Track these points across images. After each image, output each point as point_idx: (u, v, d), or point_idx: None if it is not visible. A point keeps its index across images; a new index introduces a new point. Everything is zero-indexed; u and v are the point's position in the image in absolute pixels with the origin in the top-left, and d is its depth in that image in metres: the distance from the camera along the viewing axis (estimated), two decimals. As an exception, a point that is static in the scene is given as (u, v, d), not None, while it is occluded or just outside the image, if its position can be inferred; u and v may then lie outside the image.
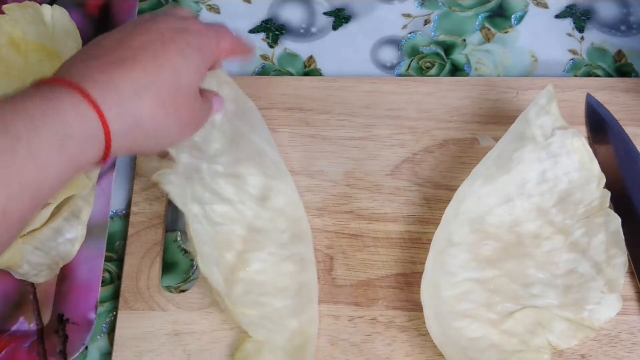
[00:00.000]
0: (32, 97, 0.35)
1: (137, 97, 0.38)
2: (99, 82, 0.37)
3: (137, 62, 0.38)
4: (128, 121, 0.37)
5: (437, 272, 0.48)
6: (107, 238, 0.52)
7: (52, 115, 0.34)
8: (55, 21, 0.53)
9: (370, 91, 0.56)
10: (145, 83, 0.38)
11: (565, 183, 0.50)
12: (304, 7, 0.62)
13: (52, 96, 0.35)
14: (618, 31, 0.60)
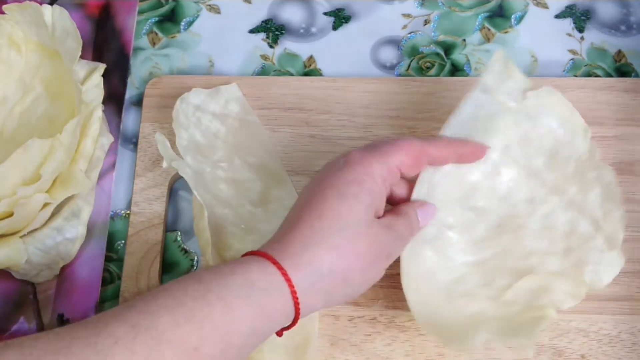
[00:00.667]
0: (228, 263, 0.39)
1: (308, 250, 0.40)
2: (275, 248, 0.40)
3: (301, 221, 0.41)
4: (309, 275, 0.40)
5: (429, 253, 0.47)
6: (107, 238, 0.52)
7: (239, 272, 0.38)
8: (56, 21, 0.53)
9: (370, 91, 0.56)
10: (310, 235, 0.40)
11: (550, 140, 0.49)
12: (304, 7, 0.62)
13: (241, 261, 0.40)
14: (618, 31, 0.60)
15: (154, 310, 0.36)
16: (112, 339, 0.34)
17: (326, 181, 0.42)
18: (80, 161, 0.51)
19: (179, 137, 0.52)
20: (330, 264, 0.40)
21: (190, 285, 0.37)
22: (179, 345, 0.35)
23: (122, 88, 0.57)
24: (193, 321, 0.36)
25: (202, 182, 0.51)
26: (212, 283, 0.37)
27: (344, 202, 0.41)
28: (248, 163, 0.53)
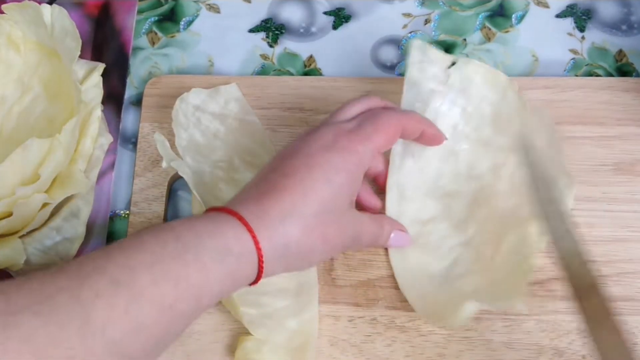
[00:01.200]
0: (202, 219, 0.41)
1: (284, 224, 0.41)
2: (253, 211, 0.41)
3: (285, 190, 0.42)
4: (278, 246, 0.41)
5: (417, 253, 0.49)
6: (106, 238, 0.52)
7: (216, 234, 0.39)
8: (55, 21, 0.53)
9: (370, 91, 0.56)
10: (290, 210, 0.41)
11: (487, 106, 0.51)
12: (304, 6, 0.62)
13: (217, 219, 0.41)
14: (619, 31, 0.60)
15: (133, 266, 0.37)
16: (94, 292, 0.35)
17: (315, 159, 0.43)
18: (80, 161, 0.51)
19: (178, 137, 0.52)
20: (299, 241, 0.42)
21: (169, 242, 0.38)
22: (156, 302, 0.36)
23: (121, 88, 0.57)
24: (170, 280, 0.37)
25: (201, 182, 0.51)
26: (189, 243, 0.38)
27: (329, 187, 0.43)
28: (248, 163, 0.53)
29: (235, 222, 0.40)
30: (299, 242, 0.42)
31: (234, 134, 0.54)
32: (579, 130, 0.54)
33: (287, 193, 0.42)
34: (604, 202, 0.52)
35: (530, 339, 0.48)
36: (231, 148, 0.53)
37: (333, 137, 0.44)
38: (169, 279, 0.37)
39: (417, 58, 0.51)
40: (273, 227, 0.41)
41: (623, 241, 0.50)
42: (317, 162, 0.43)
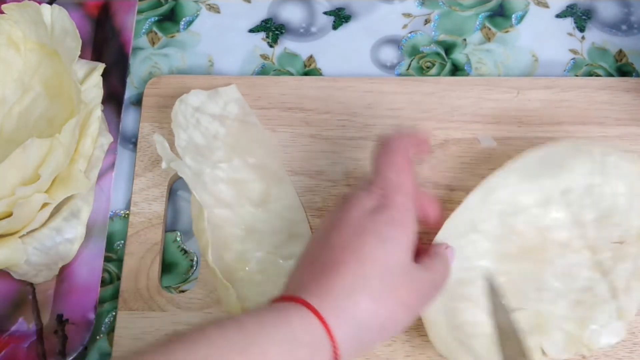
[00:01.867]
0: (265, 309, 0.38)
1: (351, 299, 0.39)
2: (314, 293, 0.39)
3: (341, 265, 0.39)
4: (350, 324, 0.38)
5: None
6: (106, 238, 0.52)
7: (282, 323, 0.37)
8: (55, 21, 0.53)
9: (370, 91, 0.56)
10: (352, 282, 0.39)
11: (609, 202, 0.49)
12: (304, 6, 0.62)
13: (281, 307, 0.38)
14: (619, 31, 0.60)
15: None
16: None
17: (362, 225, 0.41)
18: (80, 161, 0.51)
19: (178, 138, 0.52)
20: (372, 313, 0.39)
21: (233, 335, 0.36)
22: None
23: (121, 88, 0.57)
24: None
25: (201, 183, 0.51)
26: (255, 335, 0.36)
27: (384, 246, 0.40)
28: (248, 163, 0.53)
29: (299, 307, 0.38)
30: (372, 313, 0.39)
31: (233, 135, 0.54)
32: (579, 130, 0.54)
33: (343, 266, 0.39)
34: (604, 202, 0.52)
35: (530, 339, 0.48)
36: (231, 149, 0.53)
37: (370, 200, 0.42)
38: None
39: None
40: (340, 304, 0.38)
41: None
42: (365, 228, 0.41)
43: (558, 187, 0.49)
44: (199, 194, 0.49)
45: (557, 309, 0.47)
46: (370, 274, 0.39)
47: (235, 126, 0.54)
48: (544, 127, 0.54)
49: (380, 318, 0.39)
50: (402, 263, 0.41)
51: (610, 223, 0.49)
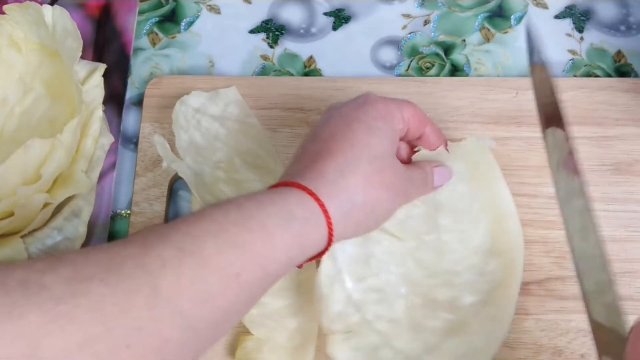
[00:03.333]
0: (261, 192, 0.40)
1: (343, 177, 0.41)
2: (307, 178, 0.41)
3: (332, 150, 0.42)
4: (343, 202, 0.41)
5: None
6: (107, 238, 0.52)
7: (278, 201, 0.39)
8: (56, 22, 0.53)
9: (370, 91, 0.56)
10: (344, 165, 0.42)
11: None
12: (304, 7, 0.62)
13: (277, 191, 0.40)
14: (617, 31, 0.60)
15: (198, 234, 0.36)
16: (160, 260, 0.35)
17: (350, 116, 0.44)
18: (81, 161, 0.51)
19: (179, 139, 0.52)
20: (363, 193, 0.41)
21: (232, 211, 0.38)
22: (221, 271, 0.36)
23: (122, 88, 0.57)
24: (235, 247, 0.36)
25: (202, 183, 0.51)
26: (252, 210, 0.38)
27: (372, 134, 0.43)
28: (248, 164, 0.53)
29: (294, 190, 0.40)
30: (364, 193, 0.41)
31: (234, 136, 0.54)
32: (577, 131, 0.54)
33: (335, 151, 0.42)
34: (604, 202, 0.52)
35: (529, 338, 0.48)
36: (232, 149, 0.53)
37: (363, 98, 0.45)
38: (234, 247, 0.36)
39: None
40: (333, 184, 0.41)
41: (623, 241, 0.51)
42: (354, 117, 0.44)
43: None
44: (200, 194, 0.49)
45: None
46: (360, 157, 0.42)
47: (236, 127, 0.54)
48: (543, 127, 0.54)
49: (370, 199, 0.42)
50: (388, 152, 0.44)
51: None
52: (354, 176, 0.41)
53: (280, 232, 0.38)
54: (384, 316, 0.47)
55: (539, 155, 0.53)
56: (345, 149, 0.42)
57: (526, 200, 0.52)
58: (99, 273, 0.34)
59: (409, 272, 0.48)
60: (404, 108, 0.46)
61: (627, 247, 0.50)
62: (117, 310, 0.33)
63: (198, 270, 0.35)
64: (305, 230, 0.39)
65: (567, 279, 0.49)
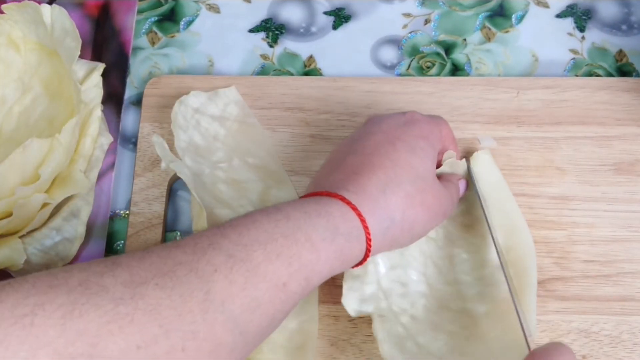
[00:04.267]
0: (307, 201, 0.41)
1: (384, 195, 0.42)
2: (351, 191, 0.42)
3: (375, 166, 0.43)
4: (383, 219, 0.42)
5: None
6: (106, 238, 0.52)
7: (324, 214, 0.40)
8: (55, 21, 0.53)
9: (370, 91, 0.56)
10: (387, 182, 0.42)
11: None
12: (304, 6, 0.62)
13: (322, 202, 0.41)
14: (619, 31, 0.60)
15: (248, 243, 0.37)
16: (212, 267, 0.36)
17: (394, 134, 0.45)
18: (80, 161, 0.51)
19: (178, 139, 0.52)
20: (403, 212, 0.42)
21: (281, 221, 0.39)
22: (270, 279, 0.37)
23: (121, 88, 0.57)
24: (283, 258, 0.38)
25: (201, 183, 0.51)
26: (300, 221, 0.39)
27: (415, 154, 0.44)
28: (248, 163, 0.53)
29: (338, 202, 0.41)
30: (403, 211, 0.42)
31: (233, 136, 0.54)
32: (579, 130, 0.54)
33: (377, 167, 0.43)
34: (604, 202, 0.52)
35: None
36: (231, 149, 0.53)
37: (407, 117, 0.46)
38: (282, 257, 0.37)
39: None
40: (375, 200, 0.42)
41: (623, 241, 0.50)
42: (396, 136, 0.45)
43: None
44: (199, 195, 0.49)
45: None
46: (402, 176, 0.43)
47: (235, 127, 0.54)
48: (544, 127, 0.54)
49: (409, 217, 0.43)
50: (430, 171, 0.45)
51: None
52: (395, 195, 0.42)
53: (325, 246, 0.39)
54: (407, 311, 0.47)
55: (540, 155, 0.53)
56: (388, 167, 0.43)
57: (526, 200, 0.51)
58: (155, 277, 0.35)
59: (430, 274, 0.48)
60: (442, 127, 0.48)
61: (628, 247, 0.50)
62: (173, 314, 0.34)
63: (249, 278, 0.36)
64: (347, 245, 0.40)
65: (568, 280, 0.49)
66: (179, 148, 0.52)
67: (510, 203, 0.51)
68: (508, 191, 0.51)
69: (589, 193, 0.52)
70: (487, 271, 0.49)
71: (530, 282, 0.47)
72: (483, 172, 0.51)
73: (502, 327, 0.46)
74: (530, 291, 0.47)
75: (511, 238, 0.49)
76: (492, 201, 0.50)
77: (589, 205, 0.52)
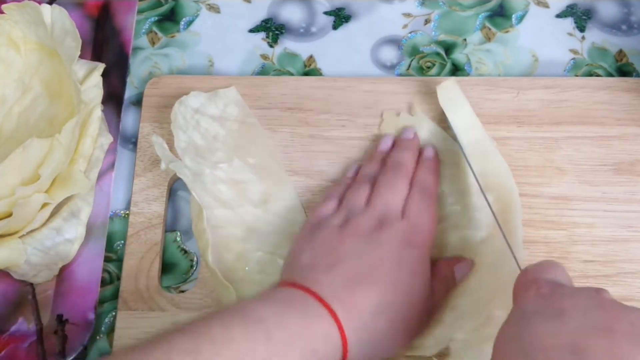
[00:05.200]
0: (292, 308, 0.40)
1: (374, 318, 0.41)
2: (345, 304, 0.41)
3: (376, 284, 0.42)
4: (364, 340, 0.41)
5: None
6: (106, 238, 0.52)
7: (306, 335, 0.39)
8: (55, 21, 0.53)
9: (370, 91, 0.56)
10: (383, 305, 0.42)
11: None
12: (304, 6, 0.62)
13: (308, 311, 0.40)
14: (619, 31, 0.60)
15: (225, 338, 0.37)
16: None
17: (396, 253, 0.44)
18: (80, 161, 0.51)
19: (177, 140, 0.52)
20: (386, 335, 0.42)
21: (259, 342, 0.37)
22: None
23: (121, 88, 0.57)
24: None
25: (201, 184, 0.51)
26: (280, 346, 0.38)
27: (416, 279, 0.44)
28: (248, 164, 0.53)
29: (327, 316, 0.40)
30: (385, 334, 0.42)
31: (233, 136, 0.54)
32: (579, 130, 0.54)
33: (378, 286, 0.42)
34: (604, 202, 0.52)
35: (530, 339, 0.48)
36: (231, 149, 0.53)
37: (403, 234, 0.45)
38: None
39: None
40: (363, 321, 0.41)
41: (623, 241, 0.50)
42: (402, 257, 0.44)
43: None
44: (199, 195, 0.49)
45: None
46: (398, 301, 0.42)
47: (235, 127, 0.54)
48: (544, 127, 0.54)
49: (388, 341, 0.43)
50: (422, 297, 0.44)
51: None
52: (385, 319, 0.42)
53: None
54: None
55: (540, 155, 0.53)
56: (388, 288, 0.42)
57: (527, 200, 0.51)
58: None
59: None
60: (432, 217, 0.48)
61: (629, 247, 0.50)
62: None
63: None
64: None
65: (568, 280, 0.49)
66: (178, 148, 0.52)
67: (479, 130, 0.53)
68: (476, 119, 0.53)
69: (589, 193, 0.52)
70: (472, 198, 0.50)
71: (513, 203, 0.50)
72: (451, 101, 0.53)
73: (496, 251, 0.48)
74: (515, 215, 0.49)
75: (486, 163, 0.51)
76: (461, 129, 0.52)
77: (589, 205, 0.52)
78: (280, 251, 0.50)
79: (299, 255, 0.45)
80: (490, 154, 0.52)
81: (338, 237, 0.45)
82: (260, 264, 0.50)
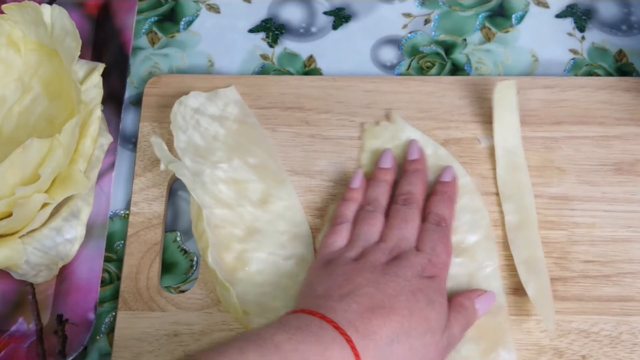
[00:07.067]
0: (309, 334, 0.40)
1: (390, 346, 0.41)
2: (361, 331, 0.41)
3: (392, 312, 0.42)
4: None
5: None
6: (106, 238, 0.52)
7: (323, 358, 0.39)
8: (55, 21, 0.53)
9: (370, 91, 0.56)
10: (399, 333, 0.42)
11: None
12: (304, 6, 0.62)
13: (324, 338, 0.40)
14: (619, 31, 0.60)
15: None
16: None
17: (414, 284, 0.44)
18: (80, 161, 0.51)
19: (177, 140, 0.52)
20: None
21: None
22: None
23: (121, 88, 0.57)
24: None
25: (200, 184, 0.51)
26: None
27: (432, 308, 0.44)
28: (248, 163, 0.53)
29: (342, 343, 0.40)
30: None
31: (233, 135, 0.54)
32: (579, 130, 0.54)
33: (394, 314, 0.42)
34: (604, 202, 0.52)
35: (530, 339, 0.48)
36: (231, 149, 0.53)
37: (419, 266, 0.46)
38: None
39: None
40: (380, 349, 0.41)
41: (623, 241, 0.50)
42: (418, 287, 0.44)
43: None
44: (198, 195, 0.49)
45: None
46: (414, 329, 0.42)
47: (235, 127, 0.54)
48: (544, 127, 0.54)
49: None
50: (439, 327, 0.44)
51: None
52: (401, 346, 0.42)
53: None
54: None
55: (540, 155, 0.53)
56: (405, 316, 0.42)
57: (527, 200, 0.51)
58: None
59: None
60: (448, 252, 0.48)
61: (629, 247, 0.50)
62: None
63: None
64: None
65: (569, 280, 0.49)
66: (178, 148, 0.52)
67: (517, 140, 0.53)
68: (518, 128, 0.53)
69: (589, 193, 0.52)
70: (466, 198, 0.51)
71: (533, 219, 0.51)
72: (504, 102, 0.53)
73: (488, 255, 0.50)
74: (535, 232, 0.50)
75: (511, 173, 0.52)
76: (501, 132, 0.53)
77: (589, 205, 0.52)
78: (281, 251, 0.50)
79: (314, 285, 0.45)
80: (519, 167, 0.52)
81: (354, 269, 0.45)
82: (260, 264, 0.50)
